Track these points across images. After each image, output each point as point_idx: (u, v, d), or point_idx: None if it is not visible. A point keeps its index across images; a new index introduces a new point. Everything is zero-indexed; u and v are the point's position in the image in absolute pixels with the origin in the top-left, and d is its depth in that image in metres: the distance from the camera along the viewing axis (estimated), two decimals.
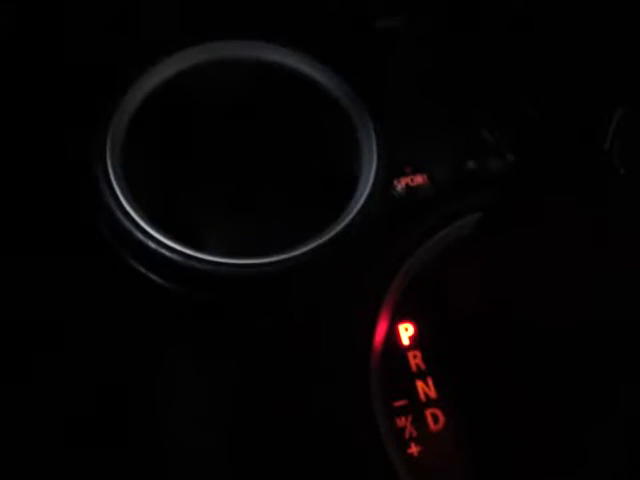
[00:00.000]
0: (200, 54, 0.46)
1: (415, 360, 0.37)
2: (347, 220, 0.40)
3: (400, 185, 0.42)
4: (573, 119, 0.45)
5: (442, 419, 0.36)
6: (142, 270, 0.40)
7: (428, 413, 0.36)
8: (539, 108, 0.46)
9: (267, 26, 0.47)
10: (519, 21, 0.49)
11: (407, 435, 0.35)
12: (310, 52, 0.46)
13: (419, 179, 0.42)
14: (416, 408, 0.36)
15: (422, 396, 0.36)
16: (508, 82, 0.47)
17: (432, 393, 0.36)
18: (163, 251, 0.39)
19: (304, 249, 0.39)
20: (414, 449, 0.35)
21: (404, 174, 0.42)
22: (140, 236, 0.39)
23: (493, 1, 0.50)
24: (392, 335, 0.37)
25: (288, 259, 0.39)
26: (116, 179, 0.40)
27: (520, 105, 0.46)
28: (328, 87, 0.46)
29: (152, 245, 0.39)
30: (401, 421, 0.36)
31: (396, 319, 0.38)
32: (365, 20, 0.50)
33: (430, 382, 0.36)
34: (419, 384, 0.36)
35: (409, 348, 0.37)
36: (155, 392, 0.38)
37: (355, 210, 0.41)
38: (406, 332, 0.38)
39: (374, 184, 0.41)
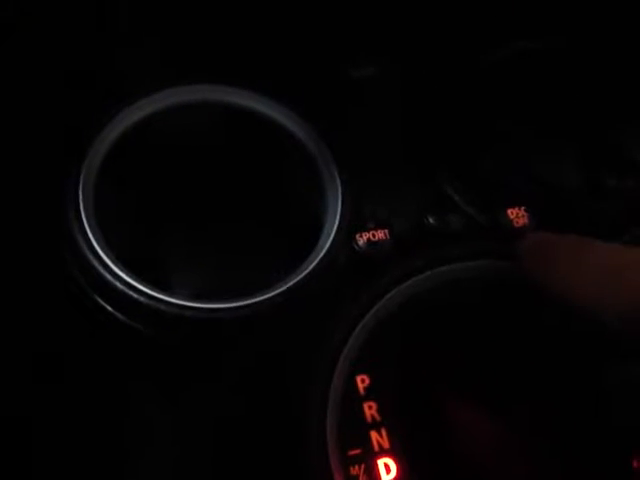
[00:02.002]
0: (172, 97, 0.46)
1: (370, 411, 0.38)
2: (308, 270, 0.41)
3: (362, 239, 0.43)
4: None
5: (394, 468, 0.37)
6: (109, 309, 0.40)
7: (381, 463, 0.37)
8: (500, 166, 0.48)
9: (239, 71, 0.47)
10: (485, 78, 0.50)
11: None
12: (281, 99, 0.47)
13: (380, 234, 0.43)
14: (369, 457, 0.37)
15: (375, 446, 0.37)
16: (471, 139, 0.49)
17: (385, 443, 0.37)
18: (129, 292, 0.39)
19: (264, 296, 0.40)
20: None
21: (366, 229, 0.43)
22: (107, 276, 0.39)
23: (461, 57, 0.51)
24: (349, 386, 0.38)
25: (247, 306, 0.40)
26: (87, 217, 0.41)
27: (482, 162, 0.48)
28: (297, 134, 0.46)
29: (119, 285, 0.39)
30: (355, 470, 0.37)
31: (354, 371, 0.39)
32: (338, 69, 0.50)
33: (384, 432, 0.37)
34: (373, 434, 0.37)
35: (365, 399, 0.38)
36: (119, 430, 0.39)
37: (316, 261, 0.41)
38: (363, 383, 0.38)
39: (337, 236, 0.42)
